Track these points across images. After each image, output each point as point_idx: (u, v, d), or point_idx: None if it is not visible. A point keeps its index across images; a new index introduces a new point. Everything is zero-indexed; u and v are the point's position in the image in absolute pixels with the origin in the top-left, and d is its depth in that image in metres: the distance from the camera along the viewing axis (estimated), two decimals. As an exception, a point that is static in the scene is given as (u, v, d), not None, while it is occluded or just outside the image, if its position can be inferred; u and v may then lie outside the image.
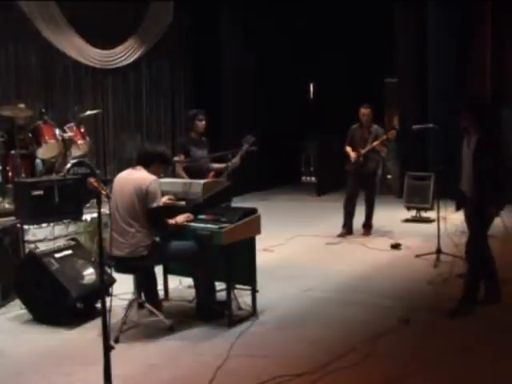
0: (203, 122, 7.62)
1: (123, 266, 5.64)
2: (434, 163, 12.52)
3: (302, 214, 11.97)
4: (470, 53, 13.01)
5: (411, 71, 13.34)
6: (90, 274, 6.26)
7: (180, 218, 5.78)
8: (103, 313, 4.25)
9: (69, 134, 9.09)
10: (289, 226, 10.36)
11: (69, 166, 8.65)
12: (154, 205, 5.48)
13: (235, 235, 5.71)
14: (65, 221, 7.77)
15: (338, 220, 9.97)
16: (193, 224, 5.82)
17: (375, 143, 9.44)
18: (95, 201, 8.65)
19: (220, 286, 6.20)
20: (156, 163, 5.75)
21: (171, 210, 5.91)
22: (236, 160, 7.38)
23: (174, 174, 7.60)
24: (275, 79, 14.87)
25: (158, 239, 5.72)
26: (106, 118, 12.14)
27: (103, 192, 4.31)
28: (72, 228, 7.80)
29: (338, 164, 13.75)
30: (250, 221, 5.88)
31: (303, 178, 17.18)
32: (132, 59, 12.46)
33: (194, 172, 7.34)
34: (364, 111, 9.55)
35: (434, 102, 13.10)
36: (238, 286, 6.20)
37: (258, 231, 6.06)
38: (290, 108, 15.46)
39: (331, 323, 5.96)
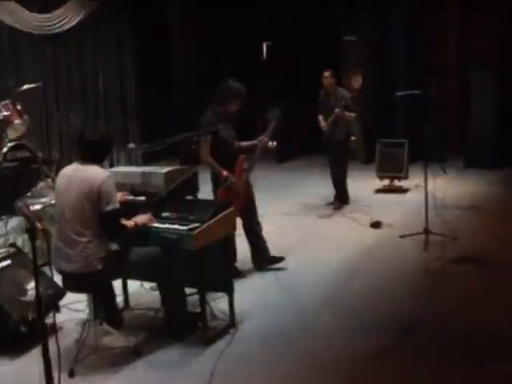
0: (238, 108, 6.08)
1: (74, 283, 4.48)
2: (401, 129, 11.64)
3: (269, 185, 10.57)
4: (435, 14, 12.11)
5: (373, 29, 12.25)
6: (33, 288, 5.06)
7: (140, 219, 4.64)
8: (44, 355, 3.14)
9: (3, 113, 7.74)
10: (258, 199, 9.17)
11: (5, 150, 7.39)
12: (109, 208, 4.32)
13: (207, 237, 4.60)
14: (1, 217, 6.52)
15: (309, 190, 9.29)
16: (156, 225, 4.69)
17: (336, 111, 8.48)
18: (38, 189, 7.72)
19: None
20: (106, 153, 4.65)
21: (128, 209, 4.76)
22: (265, 138, 6.28)
23: (197, 160, 5.89)
24: (227, 42, 13.57)
25: (114, 247, 4.57)
26: (48, 91, 10.82)
27: (38, 226, 3.13)
28: (11, 224, 6.55)
29: (297, 130, 12.89)
30: (224, 217, 4.78)
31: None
32: (72, 24, 11.08)
33: (224, 157, 5.91)
34: (325, 75, 8.66)
35: (399, 64, 12.12)
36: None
37: (234, 227, 4.98)
38: (243, 71, 14.18)
39: (320, 334, 4.98)
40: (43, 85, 9.92)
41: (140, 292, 5.70)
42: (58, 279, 4.93)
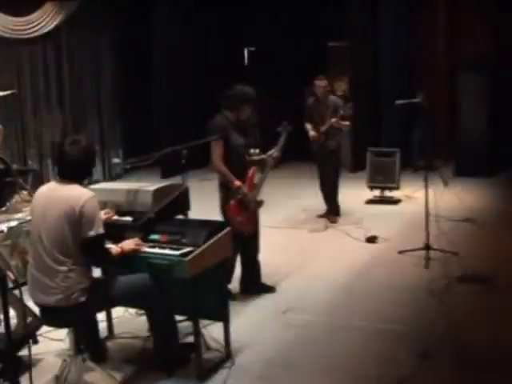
0: (250, 112, 5.61)
1: (53, 317, 3.94)
2: (389, 138, 11.22)
3: None
4: (422, 14, 11.73)
5: (362, 34, 11.83)
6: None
7: (127, 245, 4.11)
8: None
9: (-25, 122, 7.18)
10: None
11: (-23, 161, 6.82)
12: (93, 233, 3.79)
13: (201, 263, 4.10)
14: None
15: (297, 201, 8.90)
16: (144, 250, 4.18)
17: (333, 121, 7.93)
18: (13, 203, 7.16)
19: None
20: (88, 170, 4.10)
21: (113, 231, 4.25)
22: (276, 153, 5.81)
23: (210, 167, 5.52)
24: (209, 46, 13.05)
25: (97, 274, 4.05)
26: (24, 97, 10.24)
27: (10, 275, 2.64)
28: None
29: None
30: (219, 240, 4.28)
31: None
32: (49, 28, 10.50)
33: (235, 165, 5.45)
34: (319, 84, 8.03)
35: (386, 68, 11.73)
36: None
37: (228, 251, 4.48)
38: (225, 76, 13.67)
39: (324, 365, 4.49)
40: (18, 91, 9.42)
41: (125, 318, 5.19)
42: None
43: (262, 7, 13.17)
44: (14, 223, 6.24)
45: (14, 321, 4.45)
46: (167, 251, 4.09)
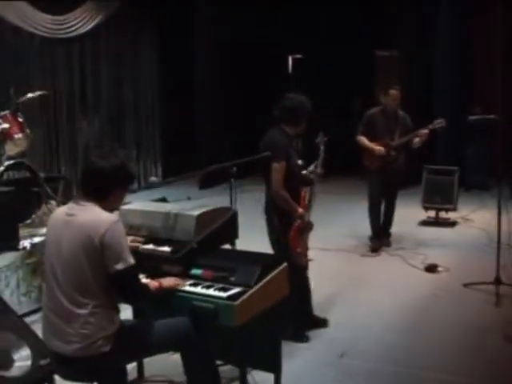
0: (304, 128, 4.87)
1: (72, 369, 3.13)
2: (442, 154, 10.32)
3: None
4: (476, 25, 10.82)
5: (411, 44, 10.96)
6: (23, 357, 3.78)
7: (166, 282, 3.34)
8: None
9: (2, 126, 6.41)
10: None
11: (1, 169, 6.10)
12: (120, 266, 3.02)
13: (254, 307, 3.30)
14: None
15: (344, 220, 8.05)
16: (184, 288, 3.39)
17: (423, 132, 6.97)
18: (40, 215, 6.44)
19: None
20: (118, 188, 3.22)
21: (146, 264, 3.48)
22: (318, 169, 4.98)
23: (269, 192, 4.73)
24: (252, 54, 12.27)
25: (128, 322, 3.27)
26: (59, 100, 9.57)
27: None
28: (3, 261, 5.27)
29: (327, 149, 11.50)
30: (275, 278, 3.48)
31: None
32: (88, 28, 9.83)
33: (293, 188, 4.67)
34: (395, 94, 7.01)
35: (439, 80, 10.85)
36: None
37: (286, 290, 3.66)
38: (267, 85, 12.89)
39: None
40: (53, 93, 8.73)
41: (157, 356, 4.39)
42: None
43: (308, 13, 12.40)
44: (38, 239, 5.53)
45: (29, 363, 3.77)
46: (212, 292, 3.30)
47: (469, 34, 10.92)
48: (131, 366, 4.07)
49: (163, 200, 4.52)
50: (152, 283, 3.28)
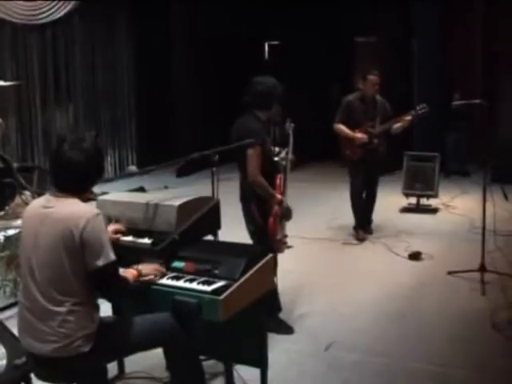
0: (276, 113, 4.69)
1: (49, 370, 2.95)
2: (423, 140, 10.21)
3: None
4: (459, 14, 10.73)
5: (391, 30, 10.83)
6: (-2, 355, 3.61)
7: (146, 270, 3.17)
8: None
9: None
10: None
11: (-28, 160, 5.88)
12: (101, 262, 2.84)
13: (239, 301, 3.14)
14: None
15: (326, 207, 7.91)
16: (165, 282, 3.22)
17: (407, 119, 6.81)
18: (13, 206, 6.20)
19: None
20: (95, 178, 3.03)
21: (126, 256, 3.30)
22: (290, 155, 4.79)
23: (245, 180, 4.55)
24: (228, 41, 12.03)
25: (107, 318, 3.09)
26: (32, 88, 9.30)
27: None
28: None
29: (306, 134, 11.32)
30: (261, 270, 3.32)
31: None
32: (62, 13, 9.53)
33: (269, 174, 4.49)
34: (374, 79, 6.76)
35: (418, 67, 10.74)
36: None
37: (271, 283, 3.51)
38: (243, 71, 12.63)
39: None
40: (26, 81, 8.48)
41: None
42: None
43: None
44: (12, 231, 5.32)
45: (3, 362, 3.58)
46: (195, 285, 3.13)
47: (448, 20, 10.81)
48: (112, 363, 3.91)
49: (141, 190, 4.35)
50: (130, 271, 3.11)
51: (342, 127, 6.87)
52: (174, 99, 11.27)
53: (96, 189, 3.33)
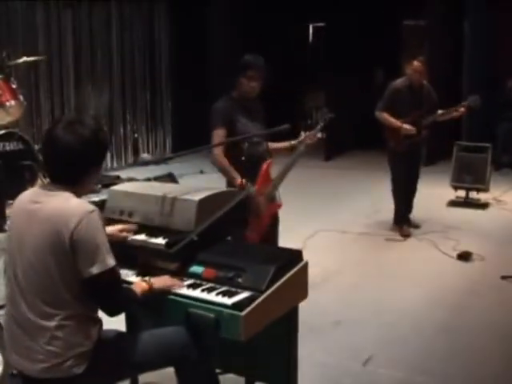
0: (253, 84, 4.21)
1: None
2: (473, 130, 9.53)
3: (314, 190, 8.37)
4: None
5: (441, 14, 10.13)
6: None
7: (159, 282, 2.66)
8: None
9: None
10: (303, 212, 7.08)
11: (-10, 140, 5.47)
12: (96, 270, 2.34)
13: (265, 317, 2.63)
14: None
15: (365, 200, 7.42)
16: (181, 291, 2.71)
17: (457, 112, 6.26)
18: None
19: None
20: (92, 166, 2.51)
21: (136, 258, 2.81)
22: (309, 141, 4.32)
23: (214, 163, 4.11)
24: (271, 23, 11.47)
25: (107, 333, 2.60)
26: (66, 67, 8.90)
27: None
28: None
29: (348, 120, 10.72)
30: (292, 279, 2.79)
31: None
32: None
33: (246, 159, 4.04)
34: (417, 66, 6.16)
35: (468, 53, 10.03)
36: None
37: (304, 294, 2.98)
38: (287, 56, 12.07)
39: None
40: (59, 59, 8.05)
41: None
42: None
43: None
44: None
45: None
46: (214, 297, 2.62)
47: (502, 2, 10.08)
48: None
49: (169, 176, 3.88)
50: (140, 285, 2.61)
51: (386, 116, 6.30)
52: (211, 85, 10.76)
53: (123, 174, 2.87)
